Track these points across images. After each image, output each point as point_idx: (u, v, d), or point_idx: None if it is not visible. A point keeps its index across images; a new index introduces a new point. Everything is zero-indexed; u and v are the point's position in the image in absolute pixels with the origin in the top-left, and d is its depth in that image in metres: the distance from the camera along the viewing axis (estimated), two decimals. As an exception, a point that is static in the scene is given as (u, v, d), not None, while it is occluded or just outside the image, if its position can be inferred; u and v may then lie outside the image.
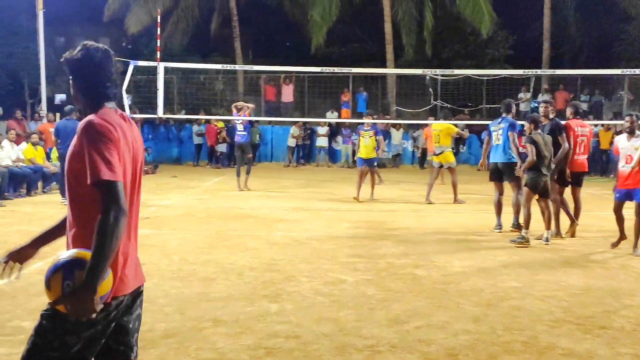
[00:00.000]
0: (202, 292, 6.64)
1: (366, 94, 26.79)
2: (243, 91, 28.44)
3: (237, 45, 29.33)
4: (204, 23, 30.42)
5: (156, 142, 26.20)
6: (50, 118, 18.71)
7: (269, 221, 11.44)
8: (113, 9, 29.27)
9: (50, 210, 12.42)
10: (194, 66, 21.45)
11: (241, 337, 5.28)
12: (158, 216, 11.93)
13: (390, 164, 25.74)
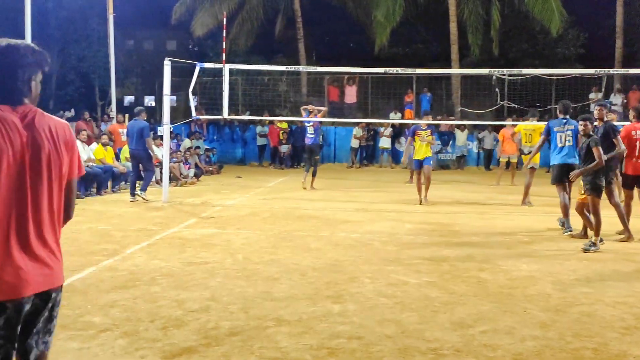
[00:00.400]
0: (266, 291, 6.68)
1: (430, 94, 26.54)
2: (306, 92, 28.58)
3: (300, 46, 29.51)
4: (268, 25, 30.72)
5: (221, 142, 26.60)
6: (120, 119, 19.19)
7: (332, 222, 11.45)
8: (180, 12, 29.84)
9: (119, 209, 12.74)
10: (259, 67, 21.66)
11: (304, 336, 5.29)
12: (222, 216, 12.09)
13: (454, 165, 25.44)
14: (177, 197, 14.51)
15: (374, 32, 27.90)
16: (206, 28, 29.38)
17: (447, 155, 25.69)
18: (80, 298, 6.36)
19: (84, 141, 15.65)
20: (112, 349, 4.96)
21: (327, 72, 25.46)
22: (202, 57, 28.02)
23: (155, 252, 8.64)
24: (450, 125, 25.14)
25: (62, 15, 31.69)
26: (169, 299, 6.33)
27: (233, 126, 27.09)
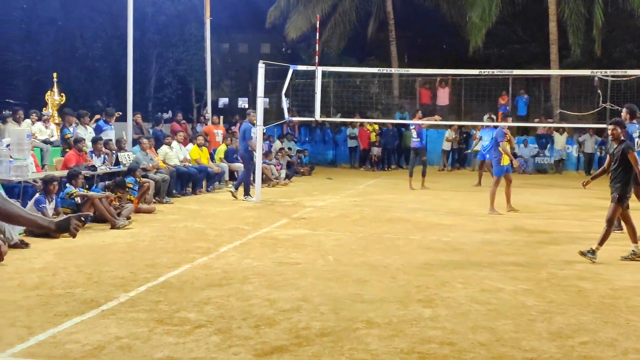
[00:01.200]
0: (356, 293, 6.67)
1: (527, 96, 25.81)
2: (398, 94, 28.40)
3: (393, 48, 29.36)
4: (360, 27, 30.71)
5: (312, 144, 26.78)
6: (215, 120, 19.61)
7: (423, 225, 11.31)
8: (274, 16, 30.24)
9: (213, 208, 13.02)
10: (351, 70, 21.66)
11: (394, 340, 5.24)
12: (313, 217, 12.16)
13: (552, 169, 24.67)
14: (269, 198, 14.70)
15: (468, 33, 27.38)
16: (299, 31, 29.65)
17: (545, 159, 24.92)
18: (176, 294, 6.53)
19: (180, 142, 16.10)
20: (206, 345, 5.06)
21: (419, 74, 25.19)
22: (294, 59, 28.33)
23: (247, 251, 8.78)
24: (548, 128, 24.37)
25: (161, 20, 32.76)
26: (261, 298, 6.41)
27: (324, 128, 27.23)
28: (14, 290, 6.62)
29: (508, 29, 29.99)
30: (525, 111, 25.10)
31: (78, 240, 9.24)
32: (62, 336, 5.23)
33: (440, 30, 31.79)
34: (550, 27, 26.21)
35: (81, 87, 32.32)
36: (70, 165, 12.05)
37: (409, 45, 33.22)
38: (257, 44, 43.38)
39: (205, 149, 16.78)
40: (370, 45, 32.16)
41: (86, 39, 33.12)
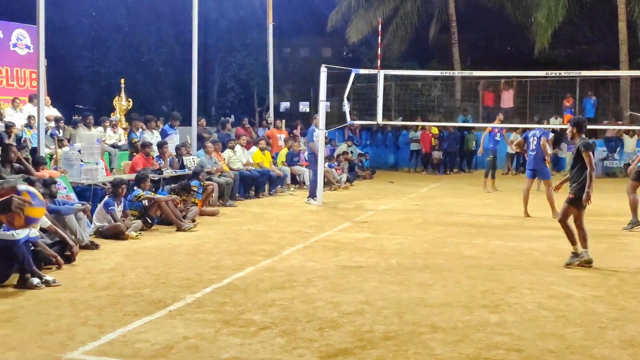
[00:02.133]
0: (420, 297, 6.63)
1: (595, 98, 25.16)
2: (461, 97, 28.09)
3: (455, 50, 29.07)
4: (422, 30, 30.53)
5: (373, 148, 26.71)
6: (278, 125, 19.79)
7: (487, 229, 11.16)
8: (335, 20, 30.34)
9: (276, 212, 13.14)
10: (414, 73, 21.53)
11: (459, 345, 5.18)
12: (375, 220, 12.14)
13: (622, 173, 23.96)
14: (330, 201, 14.74)
15: (533, 34, 26.88)
16: (360, 35, 29.67)
17: (614, 163, 24.21)
18: (241, 296, 6.61)
19: (243, 146, 16.30)
20: (271, 347, 5.11)
21: (483, 77, 24.85)
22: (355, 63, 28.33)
23: (310, 254, 8.82)
24: (617, 131, 23.69)
25: (224, 26, 33.27)
26: (324, 301, 6.43)
27: (385, 131, 27.14)
28: (86, 290, 6.83)
29: (575, 29, 29.27)
30: (593, 113, 24.44)
31: (145, 242, 9.50)
32: (132, 335, 5.36)
33: (504, 32, 31.29)
34: (620, 27, 25.49)
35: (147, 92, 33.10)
36: (138, 168, 12.34)
37: (472, 47, 32.81)
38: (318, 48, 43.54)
39: (268, 152, 16.94)
40: (432, 48, 31.92)
41: (151, 45, 33.93)
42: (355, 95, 23.13)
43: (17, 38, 16.73)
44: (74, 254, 8.17)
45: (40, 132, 11.36)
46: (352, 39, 30.19)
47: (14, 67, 16.66)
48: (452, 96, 28.76)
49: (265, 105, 31.44)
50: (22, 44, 16.81)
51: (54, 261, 7.74)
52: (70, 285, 7.00)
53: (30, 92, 16.16)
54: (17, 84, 16.78)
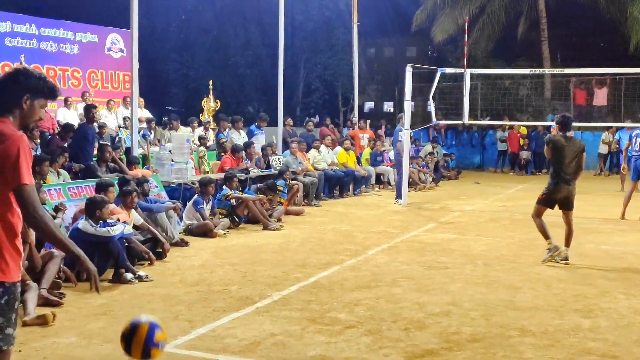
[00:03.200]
0: (508, 299, 6.50)
1: (694, 95, 23.96)
2: (550, 96, 27.32)
3: (544, 48, 28.29)
4: (510, 28, 29.85)
5: (459, 148, 26.36)
6: (362, 125, 19.78)
7: (578, 232, 10.73)
8: (420, 19, 30.07)
9: (360, 212, 13.15)
10: (501, 72, 21.08)
11: (550, 350, 5.06)
12: (461, 221, 11.98)
13: None
14: (415, 202, 14.64)
15: (628, 29, 25.87)
16: (446, 33, 29.29)
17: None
18: (327, 294, 6.66)
19: (328, 146, 16.39)
20: (357, 346, 5.13)
21: (574, 74, 24.08)
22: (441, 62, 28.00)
23: (395, 255, 8.79)
24: None
25: (309, 27, 33.53)
26: (410, 301, 6.41)
27: (471, 131, 26.72)
28: (176, 286, 7.04)
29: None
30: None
31: (233, 240, 9.70)
32: (221, 330, 5.49)
33: (597, 27, 30.24)
34: None
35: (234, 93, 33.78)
36: (226, 168, 12.61)
37: (563, 44, 31.86)
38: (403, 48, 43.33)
39: (352, 152, 16.96)
40: (520, 46, 31.16)
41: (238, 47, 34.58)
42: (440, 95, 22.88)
43: (112, 42, 17.39)
44: (165, 251, 8.44)
45: (134, 133, 11.77)
46: (438, 38, 29.84)
47: (108, 70, 17.32)
48: (541, 95, 28.00)
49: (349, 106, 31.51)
50: (116, 47, 17.46)
51: (147, 257, 8.02)
52: (161, 281, 7.23)
53: (123, 94, 16.78)
54: (111, 86, 17.45)
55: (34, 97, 3.23)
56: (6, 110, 3.17)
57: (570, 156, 8.22)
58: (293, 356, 4.91)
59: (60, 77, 16.00)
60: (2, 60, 14.59)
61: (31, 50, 15.15)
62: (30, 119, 3.25)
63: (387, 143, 19.47)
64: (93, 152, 11.30)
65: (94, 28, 17.18)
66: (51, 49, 15.79)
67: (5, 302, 3.10)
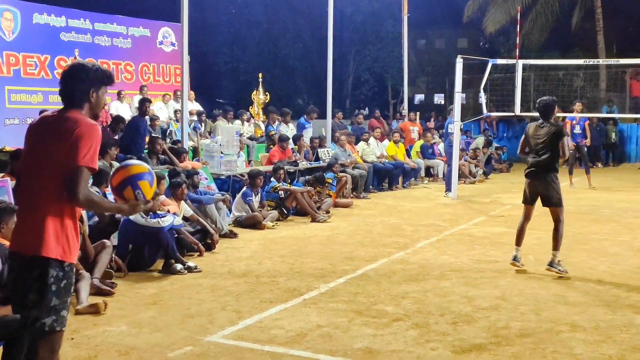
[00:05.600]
0: (559, 294, 6.39)
1: None
2: (605, 87, 26.68)
3: (599, 38, 27.61)
4: (564, 18, 29.22)
5: (512, 140, 25.95)
6: (412, 117, 19.64)
7: (633, 226, 10.55)
8: (472, 10, 29.68)
9: (409, 204, 13.08)
10: (554, 62, 20.67)
11: (601, 345, 4.96)
12: (512, 214, 11.76)
13: None
14: (465, 195, 14.48)
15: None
16: (498, 24, 28.84)
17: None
18: (374, 287, 6.65)
19: (377, 138, 16.33)
20: (403, 338, 5.11)
21: (631, 65, 23.45)
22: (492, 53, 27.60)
23: (444, 248, 8.72)
24: None
25: (358, 19, 33.42)
26: (458, 295, 6.35)
27: (523, 124, 26.28)
28: (225, 277, 7.11)
29: None
30: None
31: (281, 232, 9.76)
32: (268, 321, 5.54)
33: (654, 17, 29.42)
34: None
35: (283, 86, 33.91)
36: (275, 160, 12.68)
37: (618, 35, 31.03)
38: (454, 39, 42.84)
39: (402, 145, 16.86)
40: (575, 36, 30.49)
41: (287, 40, 34.71)
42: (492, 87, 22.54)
43: (163, 36, 17.61)
44: (214, 242, 8.54)
45: (184, 126, 11.92)
46: (489, 29, 29.40)
47: (160, 63, 17.56)
48: (596, 86, 27.36)
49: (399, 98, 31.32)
50: (167, 41, 17.69)
51: (196, 248, 8.13)
52: (210, 272, 7.32)
53: (175, 87, 17.00)
54: (162, 79, 17.68)
55: (98, 88, 3.51)
56: (77, 105, 3.45)
57: (540, 144, 7.41)
58: (339, 348, 4.92)
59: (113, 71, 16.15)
60: (58, 54, 14.90)
61: (85, 45, 15.45)
62: (99, 108, 3.54)
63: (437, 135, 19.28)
64: (144, 145, 11.48)
65: (146, 22, 17.40)
66: (105, 44, 16.07)
67: (63, 285, 3.30)
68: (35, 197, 3.33)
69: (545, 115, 7.55)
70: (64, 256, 3.30)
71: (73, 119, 3.36)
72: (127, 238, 7.41)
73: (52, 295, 3.25)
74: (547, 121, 7.50)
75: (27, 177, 3.41)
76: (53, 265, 3.26)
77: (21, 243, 3.32)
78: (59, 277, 3.28)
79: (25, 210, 3.42)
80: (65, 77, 3.50)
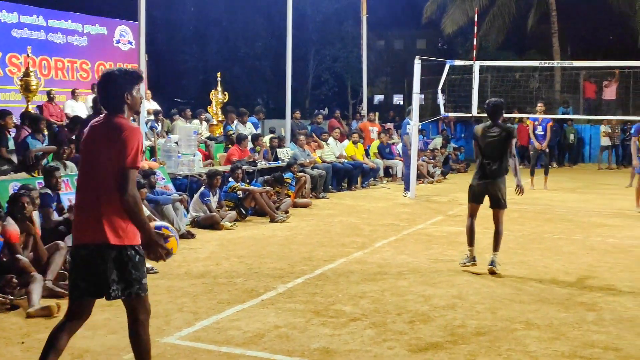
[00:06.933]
0: (514, 293, 6.49)
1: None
2: (560, 89, 27.17)
3: (555, 41, 28.11)
4: (520, 20, 29.69)
5: (469, 141, 26.23)
6: (371, 117, 19.73)
7: (585, 225, 10.77)
8: (431, 10, 29.94)
9: (368, 204, 13.13)
10: (510, 64, 20.97)
11: (555, 342, 5.04)
12: (469, 214, 11.92)
13: None
14: (423, 194, 14.60)
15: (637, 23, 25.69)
16: (456, 25, 29.14)
17: None
18: (332, 287, 6.66)
19: (336, 138, 16.36)
20: (361, 338, 5.12)
21: (584, 67, 23.94)
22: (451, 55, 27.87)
23: (402, 247, 8.78)
24: None
25: (319, 19, 33.44)
26: (415, 294, 6.40)
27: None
28: (182, 278, 7.05)
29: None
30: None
31: (239, 232, 9.70)
32: (225, 322, 5.50)
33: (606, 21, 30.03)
34: None
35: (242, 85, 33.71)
36: (233, 159, 12.60)
37: (573, 37, 31.66)
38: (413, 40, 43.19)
39: (361, 145, 16.93)
40: (531, 38, 31.03)
41: (247, 39, 34.53)
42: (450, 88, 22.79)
43: (120, 34, 17.35)
44: (171, 243, 8.44)
45: (141, 125, 11.77)
46: (448, 30, 29.70)
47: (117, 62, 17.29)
48: (551, 87, 27.86)
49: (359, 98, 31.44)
50: (125, 40, 17.44)
51: (153, 249, 8.02)
52: (167, 273, 7.24)
53: (133, 86, 16.74)
54: (120, 78, 17.43)
55: (131, 89, 3.91)
56: (118, 110, 3.88)
57: (490, 145, 7.43)
58: (296, 348, 4.91)
59: (68, 69, 16.00)
60: (10, 51, 14.58)
61: (39, 42, 15.11)
62: (137, 105, 3.97)
63: (396, 136, 19.41)
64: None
65: (103, 20, 17.12)
66: (59, 41, 15.77)
67: (138, 259, 3.89)
68: (94, 195, 3.80)
69: (494, 116, 7.53)
70: (129, 240, 3.83)
71: (117, 124, 3.81)
72: (82, 239, 7.27)
73: (132, 269, 3.83)
74: (496, 122, 7.50)
75: (86, 178, 3.90)
76: (124, 248, 3.80)
77: (90, 235, 3.80)
78: (131, 255, 3.83)
79: (87, 207, 3.85)
80: (99, 89, 4.03)
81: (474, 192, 7.72)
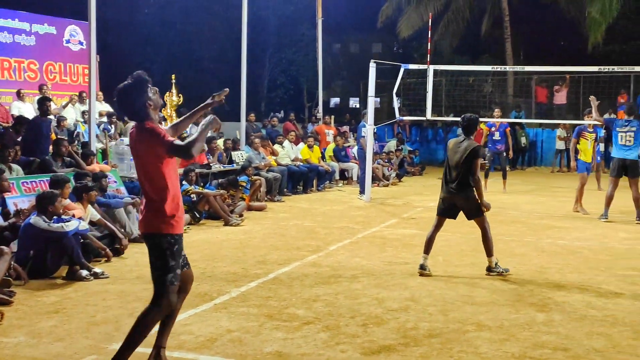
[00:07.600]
0: (466, 295, 6.55)
1: (651, 95, 24.41)
2: (512, 93, 27.62)
3: (507, 45, 28.57)
4: (474, 24, 30.10)
5: (423, 144, 26.49)
6: (327, 120, 19.77)
7: (537, 227, 10.95)
8: (386, 15, 30.13)
9: (323, 207, 13.14)
10: (464, 68, 21.24)
11: (505, 343, 5.10)
12: (423, 217, 12.02)
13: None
14: (378, 197, 14.67)
15: (587, 29, 26.26)
16: (412, 29, 29.38)
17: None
18: (286, 290, 6.63)
19: (292, 141, 16.34)
20: (314, 342, 5.11)
21: (536, 72, 24.37)
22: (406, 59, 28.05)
23: (356, 250, 8.80)
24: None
25: (274, 22, 33.39)
26: (369, 297, 6.41)
27: (436, 128, 26.89)
28: (134, 282, 6.94)
29: (630, 25, 28.48)
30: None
31: (193, 236, 9.60)
32: (177, 327, 5.40)
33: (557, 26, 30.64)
34: (679, 21, 24.70)
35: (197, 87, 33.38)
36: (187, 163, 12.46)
37: (525, 42, 32.19)
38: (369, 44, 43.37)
39: (317, 148, 16.95)
40: (484, 43, 31.47)
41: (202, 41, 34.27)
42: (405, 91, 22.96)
43: (70, 34, 17.04)
44: (123, 247, 8.32)
45: (92, 127, 11.58)
46: (403, 34, 29.92)
47: (67, 62, 17.00)
48: (504, 92, 28.30)
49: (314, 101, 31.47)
50: (75, 40, 17.13)
51: (104, 254, 7.90)
52: (118, 278, 7.12)
53: (82, 88, 16.48)
54: (70, 79, 17.11)
55: (148, 94, 4.28)
56: (145, 117, 4.27)
57: (455, 161, 7.45)
58: (249, 352, 4.87)
59: (15, 70, 15.66)
60: (-46, 50, 14.26)
61: (-16, 41, 14.83)
62: (159, 105, 4.38)
63: (352, 139, 19.48)
64: (49, 146, 11.07)
65: (52, 19, 16.80)
66: (6, 40, 15.43)
67: (176, 249, 4.34)
68: (143, 190, 4.31)
69: (468, 131, 7.60)
70: (170, 229, 4.27)
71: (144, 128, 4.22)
72: (28, 243, 7.11)
73: (169, 258, 4.28)
74: (468, 137, 7.56)
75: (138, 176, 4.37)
76: (164, 237, 4.25)
77: (142, 225, 4.37)
78: (170, 245, 4.28)
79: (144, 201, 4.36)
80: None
81: (440, 204, 7.77)
